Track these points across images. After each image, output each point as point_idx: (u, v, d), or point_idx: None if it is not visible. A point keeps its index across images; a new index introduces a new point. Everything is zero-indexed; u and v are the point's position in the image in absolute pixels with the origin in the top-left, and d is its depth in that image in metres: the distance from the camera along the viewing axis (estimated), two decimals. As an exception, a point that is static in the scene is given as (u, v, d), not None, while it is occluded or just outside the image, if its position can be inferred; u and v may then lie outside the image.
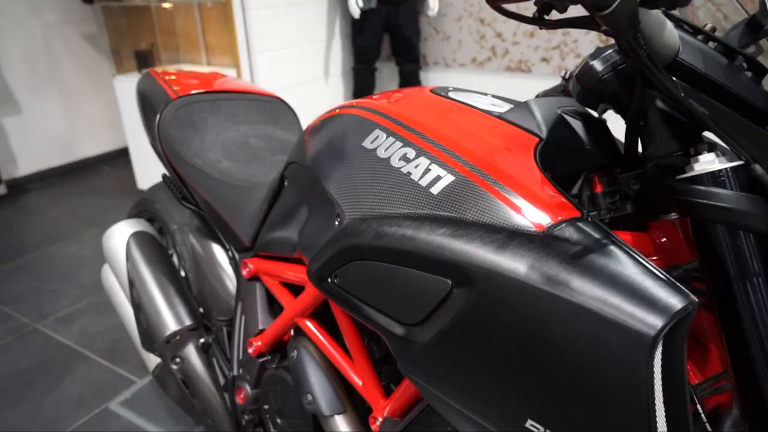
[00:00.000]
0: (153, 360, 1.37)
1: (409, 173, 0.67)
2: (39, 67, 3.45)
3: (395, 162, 0.69)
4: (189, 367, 1.23)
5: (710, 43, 0.58)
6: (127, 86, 3.06)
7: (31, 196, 3.36)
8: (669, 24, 0.53)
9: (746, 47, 0.56)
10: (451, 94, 0.81)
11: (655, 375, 0.46)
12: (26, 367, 1.86)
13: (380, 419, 0.83)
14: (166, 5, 2.89)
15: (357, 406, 0.92)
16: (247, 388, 1.11)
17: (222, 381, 1.21)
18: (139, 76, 3.11)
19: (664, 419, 0.48)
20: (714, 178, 0.52)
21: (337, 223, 0.74)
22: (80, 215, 3.07)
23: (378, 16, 3.47)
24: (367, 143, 0.74)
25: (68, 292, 2.31)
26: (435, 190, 0.63)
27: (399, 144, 0.70)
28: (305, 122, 1.45)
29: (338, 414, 0.89)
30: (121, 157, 3.98)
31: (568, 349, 0.49)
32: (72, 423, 1.63)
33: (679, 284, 0.48)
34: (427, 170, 0.65)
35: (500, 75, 3.68)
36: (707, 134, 0.59)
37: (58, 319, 2.13)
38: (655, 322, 0.46)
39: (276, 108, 1.44)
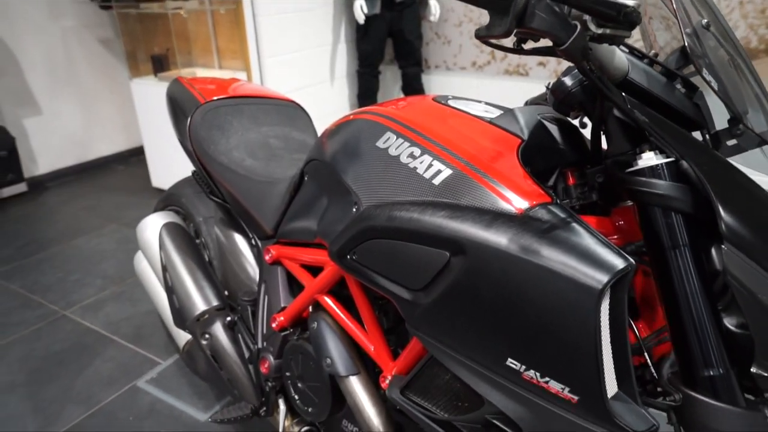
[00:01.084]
0: (182, 338, 1.53)
1: (415, 168, 0.82)
2: (57, 70, 3.61)
3: (404, 159, 0.84)
4: (217, 342, 1.38)
5: (655, 66, 0.73)
6: (143, 89, 3.21)
7: (50, 194, 3.51)
8: (618, 51, 0.68)
9: (681, 69, 0.71)
10: (450, 102, 0.96)
11: (602, 318, 0.61)
12: (59, 350, 2.01)
13: (389, 378, 0.97)
14: (182, 12, 3.05)
15: (369, 369, 1.07)
16: (271, 358, 1.26)
17: (247, 354, 1.36)
18: (156, 80, 3.26)
19: (610, 352, 0.63)
20: (652, 171, 0.67)
21: (354, 209, 0.89)
22: (98, 212, 3.22)
23: (382, 21, 3.62)
24: (380, 143, 0.90)
25: (92, 282, 2.47)
26: (436, 181, 0.78)
27: (407, 144, 0.85)
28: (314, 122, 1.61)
29: (353, 375, 1.04)
30: (133, 157, 4.13)
31: (537, 301, 0.64)
32: (104, 398, 1.78)
33: (622, 251, 0.63)
34: (430, 165, 0.81)
35: (499, 78, 3.83)
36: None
37: (84, 306, 2.28)
38: (601, 277, 0.61)
39: (292, 111, 1.59)
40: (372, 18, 3.56)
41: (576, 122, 0.89)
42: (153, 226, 1.57)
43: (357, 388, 1.04)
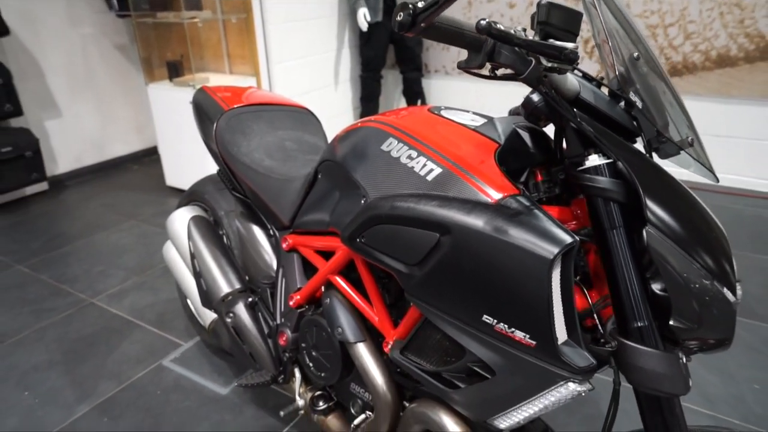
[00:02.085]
0: (208, 317, 1.72)
1: (413, 167, 1.01)
2: (77, 75, 3.81)
3: (403, 159, 1.03)
4: (239, 320, 1.57)
5: (602, 87, 0.92)
6: (159, 93, 3.41)
7: (69, 192, 3.71)
8: (570, 77, 0.87)
9: (621, 90, 0.90)
10: (443, 112, 1.15)
11: (553, 281, 0.80)
12: (89, 333, 2.21)
13: (391, 343, 1.16)
14: (197, 21, 3.24)
15: (373, 336, 1.26)
16: (288, 332, 1.45)
17: (266, 330, 1.56)
18: (172, 85, 3.44)
19: (561, 308, 0.82)
20: (596, 169, 0.86)
21: (363, 201, 1.08)
22: (116, 209, 3.42)
23: (384, 28, 3.81)
24: (383, 147, 1.09)
25: (115, 273, 2.66)
26: (429, 178, 0.98)
27: (406, 148, 1.05)
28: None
29: (360, 342, 1.23)
30: (146, 157, 4.33)
31: (505, 269, 0.83)
32: (133, 375, 1.97)
33: (570, 231, 0.82)
34: (424, 165, 1.00)
35: (494, 82, 4.02)
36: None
37: (110, 295, 2.48)
38: (553, 250, 0.80)
39: (304, 117, 1.78)
40: (374, 25, 3.76)
41: (548, 129, 1.08)
42: (181, 220, 1.77)
43: (364, 352, 1.23)
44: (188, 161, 3.45)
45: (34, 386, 1.92)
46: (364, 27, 3.70)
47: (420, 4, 0.72)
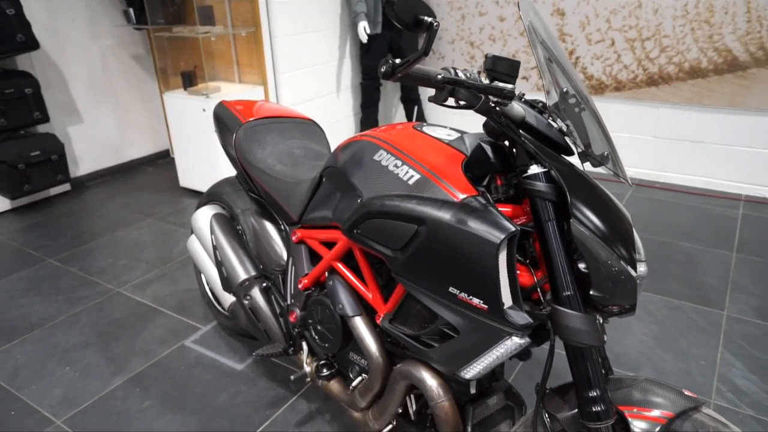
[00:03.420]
0: (227, 300, 1.99)
1: (398, 174, 1.28)
2: (97, 84, 4.09)
3: (390, 167, 1.30)
4: (255, 301, 1.84)
5: (544, 114, 1.19)
6: (174, 101, 3.68)
7: (90, 192, 3.99)
8: (515, 105, 1.13)
9: (558, 113, 1.17)
10: (424, 129, 1.42)
11: (500, 261, 1.07)
12: (118, 318, 2.48)
13: (382, 316, 1.43)
14: (210, 36, 3.51)
15: (368, 312, 1.53)
16: (297, 311, 1.72)
17: (278, 310, 1.83)
18: (186, 93, 3.71)
19: (507, 282, 1.09)
20: (536, 176, 1.13)
21: (359, 200, 1.35)
22: (134, 208, 3.69)
23: (383, 39, 4.09)
24: (375, 157, 1.36)
25: (138, 266, 2.94)
26: (410, 182, 1.25)
27: (393, 158, 1.32)
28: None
29: (357, 315, 1.50)
30: (159, 159, 4.61)
31: (465, 251, 1.10)
32: (160, 353, 2.24)
33: (514, 222, 1.09)
34: (407, 172, 1.27)
35: (486, 91, 4.28)
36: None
37: (134, 285, 2.75)
38: (500, 236, 1.06)
39: (311, 128, 2.05)
40: (374, 37, 4.03)
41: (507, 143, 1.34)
42: (204, 217, 2.04)
43: (360, 324, 1.50)
44: (200, 164, 3.73)
45: (73, 362, 2.20)
46: (364, 39, 3.97)
47: (397, 61, 0.99)
